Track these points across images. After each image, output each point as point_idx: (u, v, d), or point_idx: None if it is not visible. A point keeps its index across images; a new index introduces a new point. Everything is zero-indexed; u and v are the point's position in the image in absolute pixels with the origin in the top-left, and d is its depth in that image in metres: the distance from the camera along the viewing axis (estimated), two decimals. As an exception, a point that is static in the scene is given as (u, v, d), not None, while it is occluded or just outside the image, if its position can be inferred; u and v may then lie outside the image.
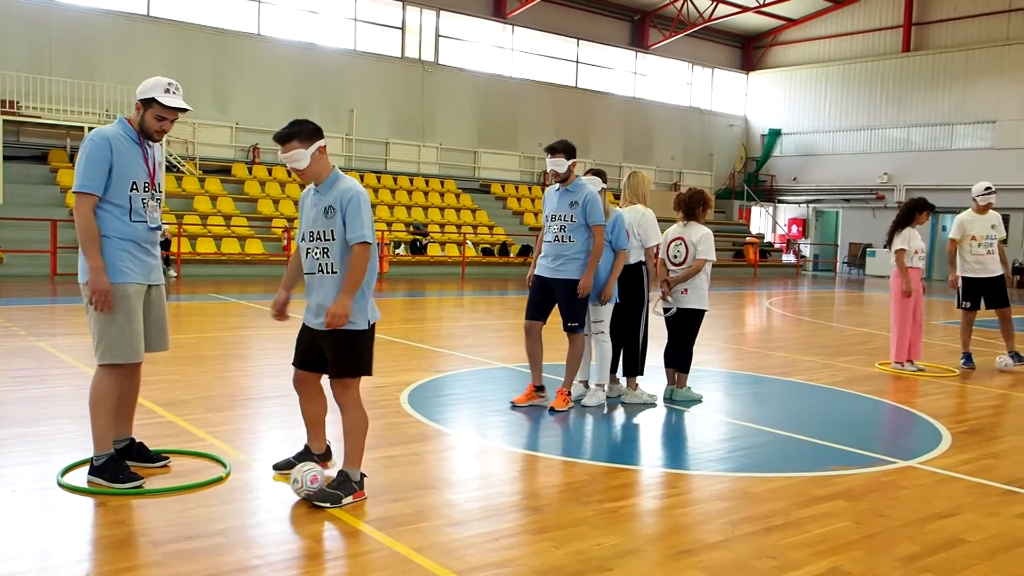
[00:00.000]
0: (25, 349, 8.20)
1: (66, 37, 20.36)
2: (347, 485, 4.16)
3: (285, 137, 4.24)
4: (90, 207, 4.24)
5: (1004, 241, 9.38)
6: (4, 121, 18.42)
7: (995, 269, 9.11)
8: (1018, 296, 19.23)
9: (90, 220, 4.24)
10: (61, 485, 4.25)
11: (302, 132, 4.23)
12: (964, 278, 9.21)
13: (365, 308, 4.25)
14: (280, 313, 4.57)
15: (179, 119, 4.62)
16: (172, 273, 16.79)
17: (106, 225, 4.30)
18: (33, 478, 4.35)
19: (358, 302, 4.18)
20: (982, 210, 9.24)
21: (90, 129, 18.94)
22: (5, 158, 18.48)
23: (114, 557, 3.47)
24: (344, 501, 4.09)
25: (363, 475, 4.28)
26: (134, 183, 4.36)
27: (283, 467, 4.56)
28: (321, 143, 4.26)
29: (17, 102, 18.69)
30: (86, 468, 4.44)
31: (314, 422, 4.65)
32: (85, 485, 4.25)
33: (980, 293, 9.16)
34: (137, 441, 4.63)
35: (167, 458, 4.67)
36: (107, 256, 4.27)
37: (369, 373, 4.36)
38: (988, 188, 9.25)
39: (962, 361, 9.20)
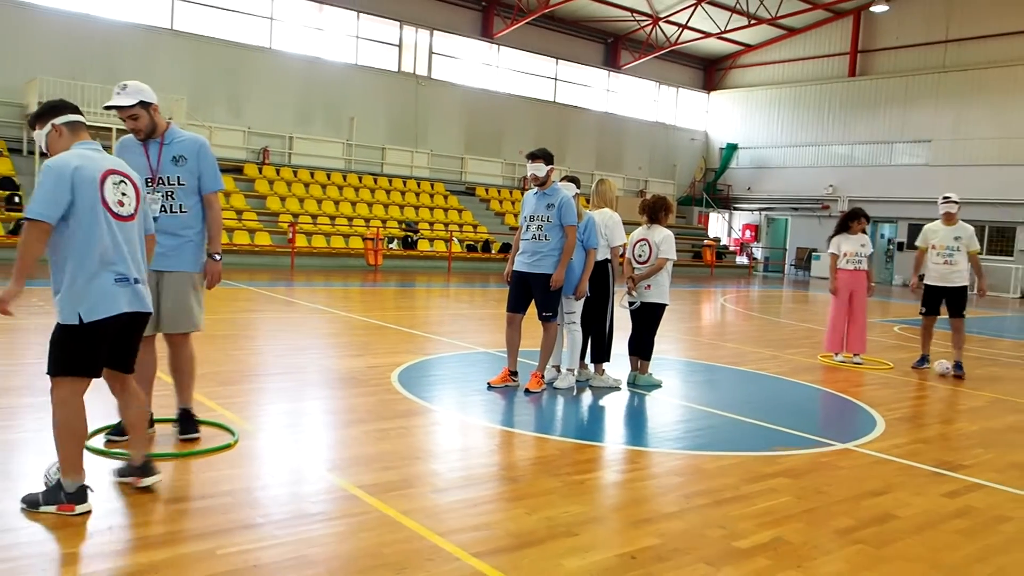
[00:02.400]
0: (49, 326, 8.09)
1: (98, 46, 20.11)
2: (53, 492, 3.38)
3: (30, 122, 3.64)
4: None
5: (979, 252, 8.70)
6: (39, 121, 18.21)
7: (955, 280, 8.53)
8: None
9: None
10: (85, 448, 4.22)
11: (37, 115, 3.59)
12: (925, 285, 8.74)
13: (70, 300, 3.42)
14: None
15: (197, 124, 4.58)
16: None
17: None
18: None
19: (66, 292, 3.42)
20: (946, 220, 8.62)
21: (117, 131, 18.95)
22: (41, 155, 18.29)
23: (133, 513, 3.46)
24: (42, 508, 3.36)
25: (85, 487, 3.42)
26: None
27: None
28: (57, 120, 3.55)
29: (52, 105, 18.49)
30: (106, 432, 4.46)
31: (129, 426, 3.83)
32: (102, 448, 4.26)
33: (937, 300, 8.66)
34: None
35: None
36: None
37: (74, 374, 3.45)
38: (945, 197, 8.68)
39: (915, 363, 8.84)
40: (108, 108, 4.32)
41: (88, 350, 3.47)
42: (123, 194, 3.56)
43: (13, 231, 16.41)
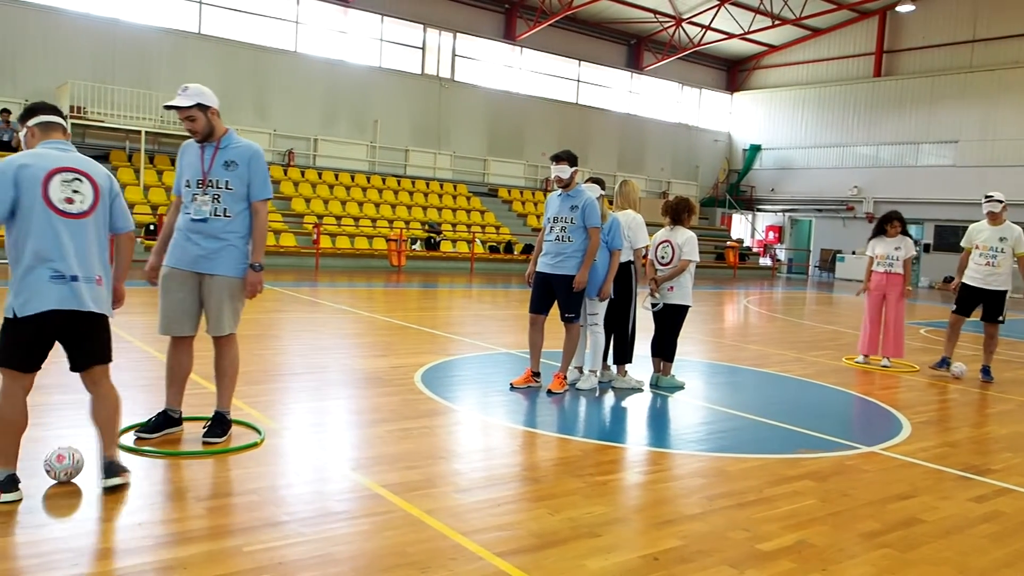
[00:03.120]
0: (81, 327, 8.20)
1: (128, 50, 20.40)
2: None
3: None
4: (171, 204, 4.65)
5: None
6: (73, 124, 18.51)
7: (994, 283, 8.16)
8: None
9: (168, 214, 4.68)
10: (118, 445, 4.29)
11: (19, 118, 3.83)
12: (962, 283, 8.40)
13: (10, 293, 3.51)
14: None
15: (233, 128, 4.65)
16: None
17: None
18: (92, 439, 4.35)
19: (10, 285, 3.54)
20: (991, 220, 8.24)
21: (147, 133, 19.21)
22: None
23: (163, 510, 3.50)
24: None
25: (14, 476, 3.52)
26: (188, 180, 4.51)
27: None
28: (31, 122, 3.68)
29: (84, 108, 18.78)
30: (136, 430, 4.54)
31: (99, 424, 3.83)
32: (132, 445, 4.31)
33: (973, 302, 8.31)
34: (166, 411, 4.64)
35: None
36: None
37: (8, 366, 3.53)
38: (988, 196, 8.24)
39: (935, 363, 8.52)
40: (168, 107, 4.45)
41: (20, 344, 3.51)
42: (74, 191, 3.58)
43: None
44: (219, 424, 4.57)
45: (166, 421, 4.59)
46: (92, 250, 3.63)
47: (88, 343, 3.67)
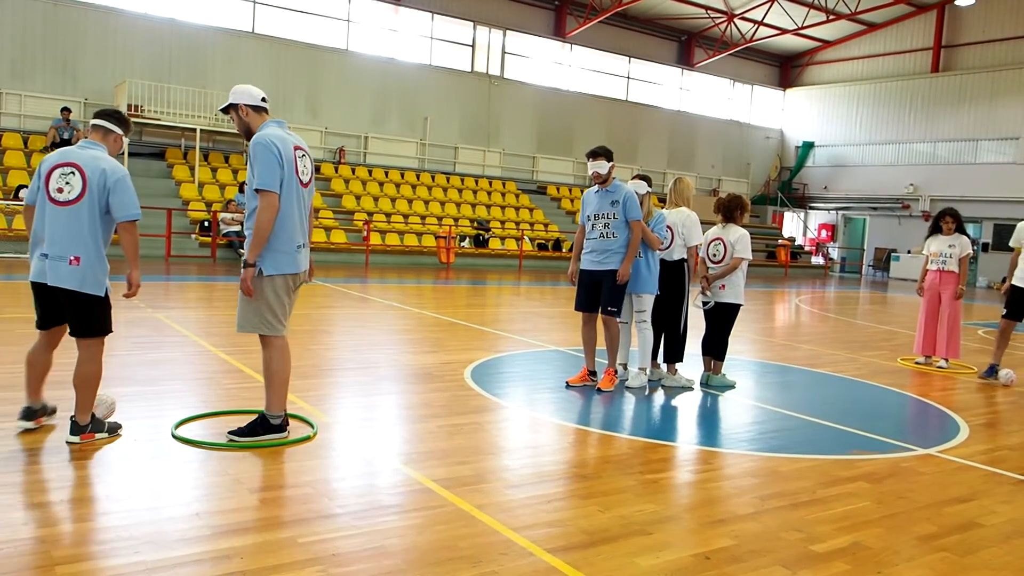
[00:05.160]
0: (144, 320, 8.45)
1: (183, 50, 20.86)
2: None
3: None
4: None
5: None
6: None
7: None
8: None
9: None
10: (175, 437, 4.40)
11: None
12: (1013, 286, 7.98)
13: None
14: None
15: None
16: None
17: None
18: (150, 430, 4.49)
19: None
20: None
21: (202, 131, 19.59)
22: (130, 155, 19.06)
23: (218, 501, 3.58)
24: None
25: (27, 408, 4.32)
26: None
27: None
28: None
29: (141, 106, 19.26)
30: (198, 423, 4.65)
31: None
32: (194, 438, 4.38)
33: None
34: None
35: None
36: None
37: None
38: None
39: (983, 372, 8.10)
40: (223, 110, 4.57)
41: (35, 307, 4.28)
42: (66, 183, 4.12)
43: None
44: (259, 423, 4.42)
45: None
46: (73, 233, 4.09)
47: (68, 313, 4.19)
